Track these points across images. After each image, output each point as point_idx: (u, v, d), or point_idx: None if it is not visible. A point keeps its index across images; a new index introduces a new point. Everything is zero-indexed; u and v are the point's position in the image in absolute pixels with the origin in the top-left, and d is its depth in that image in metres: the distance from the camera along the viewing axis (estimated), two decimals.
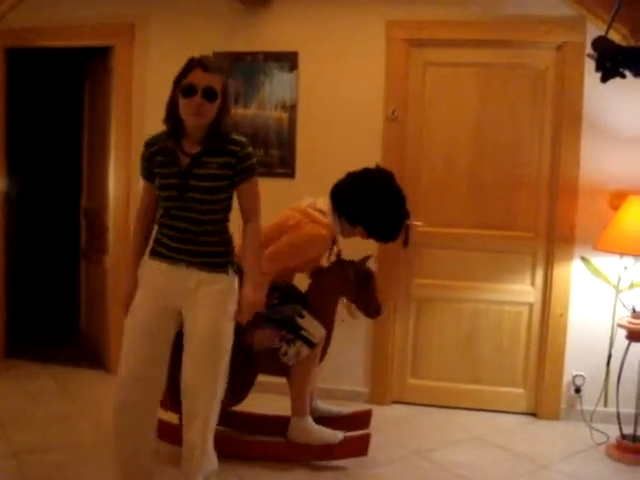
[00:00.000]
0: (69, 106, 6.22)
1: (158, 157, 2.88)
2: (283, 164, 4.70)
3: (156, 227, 3.00)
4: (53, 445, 3.83)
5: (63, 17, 4.91)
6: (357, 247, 3.92)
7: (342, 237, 3.81)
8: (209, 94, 2.75)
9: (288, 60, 4.65)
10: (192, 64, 2.79)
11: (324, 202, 3.74)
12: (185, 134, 2.85)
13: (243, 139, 2.93)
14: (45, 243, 6.59)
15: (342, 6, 4.57)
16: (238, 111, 4.71)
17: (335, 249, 3.84)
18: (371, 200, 3.68)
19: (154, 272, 2.93)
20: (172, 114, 2.84)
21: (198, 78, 2.74)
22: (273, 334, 3.61)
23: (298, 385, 3.74)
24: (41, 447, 3.79)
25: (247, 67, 4.71)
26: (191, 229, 2.85)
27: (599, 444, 4.10)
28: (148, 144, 2.94)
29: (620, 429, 4.00)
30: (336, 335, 3.90)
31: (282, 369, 3.74)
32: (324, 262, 3.87)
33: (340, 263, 3.81)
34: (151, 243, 3.00)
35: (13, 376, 4.99)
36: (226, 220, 2.97)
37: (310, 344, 3.65)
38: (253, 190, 2.99)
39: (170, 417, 3.49)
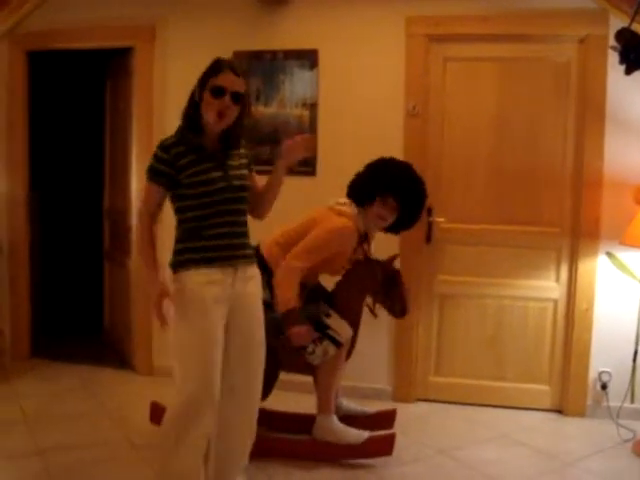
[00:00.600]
0: (91, 107, 6.26)
1: (185, 158, 2.81)
2: (304, 162, 4.64)
3: (186, 234, 2.88)
4: (78, 443, 3.86)
5: (83, 19, 4.95)
6: (381, 247, 3.92)
7: (374, 227, 3.78)
8: (237, 97, 2.82)
9: (308, 58, 4.64)
10: (221, 65, 2.84)
11: (345, 198, 3.76)
12: (203, 133, 2.88)
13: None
14: (69, 244, 6.64)
15: (361, 3, 4.56)
16: (259, 109, 4.73)
17: (365, 247, 3.82)
18: (384, 166, 3.73)
19: (208, 281, 2.83)
20: (192, 112, 2.86)
21: (229, 81, 2.80)
22: (309, 332, 3.60)
23: (324, 384, 3.74)
24: (66, 445, 3.82)
25: (267, 66, 4.72)
26: (237, 221, 2.91)
27: (626, 441, 4.06)
28: (168, 147, 2.83)
29: None
30: (360, 333, 3.89)
31: (308, 367, 3.75)
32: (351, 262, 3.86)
33: (367, 262, 3.80)
34: (186, 254, 2.86)
35: (38, 375, 5.04)
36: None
37: (337, 343, 3.65)
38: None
39: None
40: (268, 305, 3.67)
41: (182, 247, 2.88)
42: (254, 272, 3.03)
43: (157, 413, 3.64)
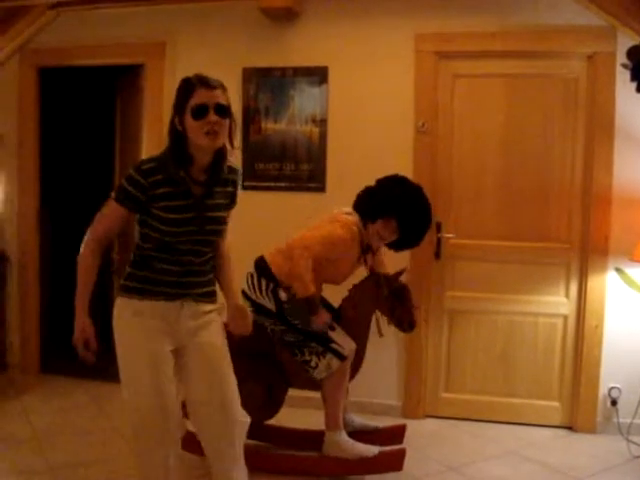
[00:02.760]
0: (101, 124, 6.29)
1: (163, 188, 2.57)
2: (313, 178, 4.72)
3: (138, 262, 2.72)
4: (88, 460, 3.86)
5: (94, 36, 5.01)
6: (391, 261, 3.92)
7: (373, 242, 3.78)
8: (221, 110, 2.55)
9: (318, 74, 4.67)
10: (192, 84, 2.58)
11: (350, 208, 3.79)
12: (191, 163, 2.62)
13: (238, 167, 2.85)
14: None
15: (371, 20, 4.59)
16: (268, 126, 4.76)
17: (368, 258, 3.83)
18: (397, 188, 3.71)
19: (151, 314, 2.66)
20: (177, 141, 2.61)
21: (206, 96, 2.53)
22: (327, 317, 3.65)
23: (330, 399, 3.73)
24: (76, 462, 3.82)
25: (277, 82, 4.74)
26: (195, 261, 2.68)
27: (636, 457, 4.05)
28: (146, 172, 2.57)
29: None
30: (369, 348, 3.89)
31: (316, 383, 3.74)
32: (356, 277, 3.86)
33: (374, 277, 3.81)
34: (132, 282, 2.70)
35: (48, 391, 5.05)
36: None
37: (340, 357, 3.65)
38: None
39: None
40: (273, 315, 3.68)
41: (131, 272, 2.72)
42: (208, 308, 2.77)
43: None
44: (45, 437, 4.16)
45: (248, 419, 2.80)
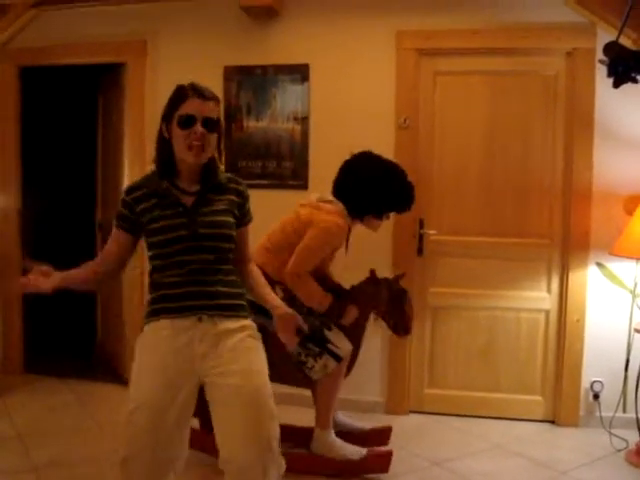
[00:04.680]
0: (83, 122, 6.27)
1: (149, 201, 2.52)
2: (296, 176, 4.72)
3: (151, 286, 2.59)
4: (72, 459, 3.85)
5: (75, 35, 4.99)
6: (375, 259, 3.93)
7: (361, 224, 3.81)
8: (210, 124, 2.47)
9: (299, 72, 4.67)
10: (184, 92, 2.48)
11: (329, 194, 3.79)
12: (178, 174, 2.55)
13: (239, 178, 2.70)
14: (61, 258, 6.62)
15: (351, 17, 4.60)
16: (250, 124, 4.76)
17: (348, 240, 3.83)
18: (382, 181, 3.70)
19: (159, 335, 2.50)
20: (163, 150, 2.55)
21: (196, 107, 2.45)
22: (355, 311, 3.71)
23: (324, 398, 3.73)
24: (61, 461, 3.81)
25: (258, 80, 4.74)
26: (201, 270, 2.50)
27: (619, 450, 4.08)
28: (130, 190, 2.57)
29: None
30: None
31: (308, 381, 3.75)
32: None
33: (374, 280, 3.80)
34: (149, 307, 2.57)
35: (32, 391, 5.02)
36: (232, 262, 2.64)
37: (337, 358, 3.65)
38: (249, 235, 2.77)
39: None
40: (268, 313, 3.68)
41: (148, 299, 2.59)
42: (236, 325, 2.55)
43: None
44: (29, 437, 4.14)
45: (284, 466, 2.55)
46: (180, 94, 2.49)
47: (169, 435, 2.47)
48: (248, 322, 2.61)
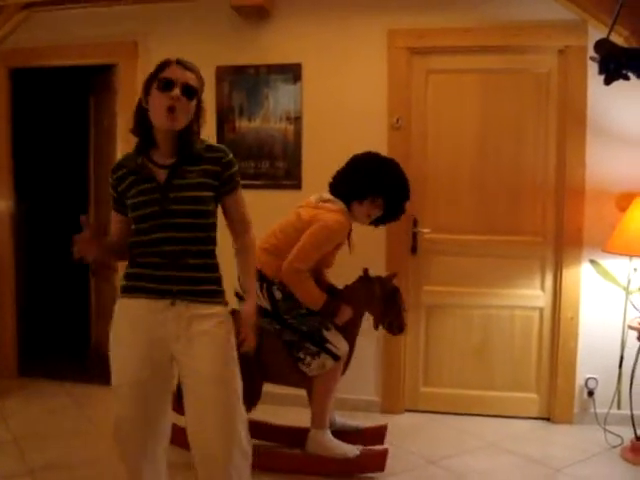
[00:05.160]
0: (75, 124, 6.25)
1: (127, 179, 2.58)
2: (289, 176, 4.72)
3: (130, 260, 2.65)
4: (70, 462, 3.84)
5: (66, 37, 4.97)
6: (369, 258, 3.93)
7: (359, 221, 3.82)
8: (187, 90, 2.49)
9: (291, 72, 4.67)
10: (167, 61, 2.53)
11: (329, 194, 3.80)
12: (155, 146, 2.57)
13: (223, 146, 2.71)
14: (54, 260, 6.61)
15: (343, 16, 4.59)
16: (243, 124, 4.75)
17: (350, 238, 3.84)
18: (374, 166, 3.75)
19: (135, 313, 2.59)
20: (141, 123, 2.57)
21: (176, 73, 2.48)
22: (350, 311, 3.72)
23: (321, 398, 3.74)
24: (57, 464, 3.80)
25: (251, 80, 4.74)
26: (176, 251, 2.52)
27: (613, 447, 4.09)
28: (113, 170, 2.65)
29: (634, 431, 4.00)
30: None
31: (302, 381, 3.75)
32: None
33: (367, 279, 3.81)
34: (123, 281, 2.65)
35: (27, 394, 5.01)
36: (213, 242, 2.64)
37: (335, 357, 3.67)
38: (242, 199, 2.73)
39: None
40: (269, 314, 3.69)
41: (125, 272, 2.66)
42: (208, 311, 2.57)
43: None
44: (25, 440, 4.13)
45: (251, 451, 2.64)
46: (162, 63, 2.54)
47: (154, 408, 2.61)
48: (221, 308, 2.63)
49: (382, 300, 3.75)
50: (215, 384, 2.54)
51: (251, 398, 3.71)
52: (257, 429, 3.93)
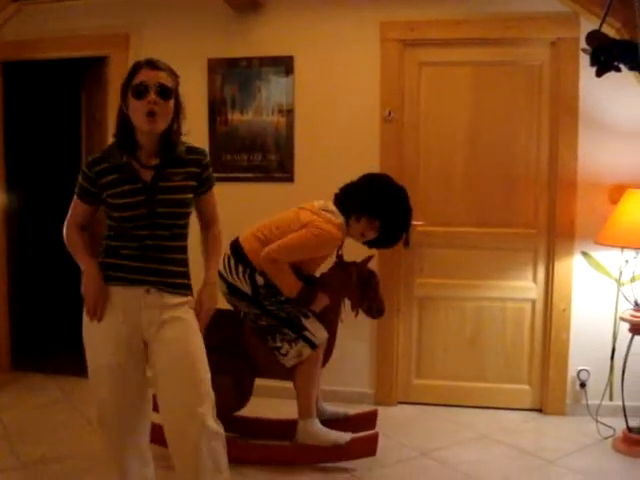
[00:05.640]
0: (67, 116, 6.23)
1: (109, 177, 2.60)
2: (281, 168, 4.71)
3: (105, 251, 2.72)
4: (61, 456, 3.84)
5: (57, 29, 4.94)
6: (360, 248, 3.93)
7: (353, 238, 3.81)
8: (163, 91, 2.53)
9: (284, 64, 4.66)
10: (138, 65, 2.58)
11: (333, 205, 3.78)
12: (138, 147, 2.62)
13: (201, 147, 2.79)
14: (46, 255, 6.59)
15: (335, 9, 4.58)
16: (235, 117, 4.74)
17: (340, 251, 3.85)
18: (381, 188, 3.73)
19: (111, 299, 2.65)
20: (123, 126, 2.61)
21: (148, 76, 2.52)
22: (326, 299, 3.72)
23: (303, 388, 3.74)
24: (49, 458, 3.80)
25: (243, 73, 4.72)
26: (155, 246, 2.62)
27: (606, 438, 4.10)
28: (91, 164, 2.63)
29: (626, 422, 4.00)
30: (340, 337, 3.91)
31: (288, 373, 3.75)
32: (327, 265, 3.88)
33: (342, 265, 3.82)
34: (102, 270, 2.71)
35: (19, 388, 5.00)
36: (186, 239, 2.74)
37: (312, 345, 3.67)
38: (214, 198, 2.86)
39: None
40: (248, 298, 3.69)
41: (100, 262, 2.71)
42: (179, 300, 2.69)
43: None
44: (17, 434, 4.12)
45: (222, 430, 2.67)
46: (134, 67, 2.60)
47: (134, 390, 2.70)
48: (190, 299, 2.76)
49: (358, 284, 3.76)
50: (184, 363, 2.63)
51: (242, 394, 3.73)
52: (245, 425, 3.94)
